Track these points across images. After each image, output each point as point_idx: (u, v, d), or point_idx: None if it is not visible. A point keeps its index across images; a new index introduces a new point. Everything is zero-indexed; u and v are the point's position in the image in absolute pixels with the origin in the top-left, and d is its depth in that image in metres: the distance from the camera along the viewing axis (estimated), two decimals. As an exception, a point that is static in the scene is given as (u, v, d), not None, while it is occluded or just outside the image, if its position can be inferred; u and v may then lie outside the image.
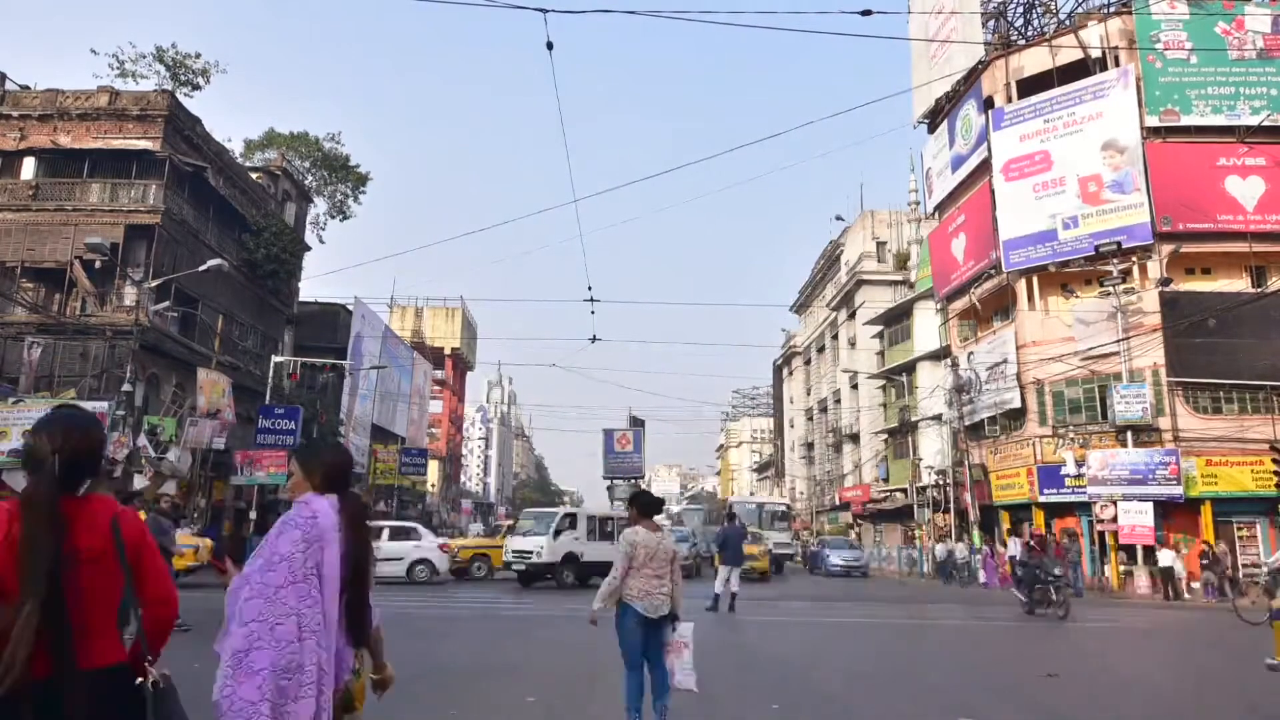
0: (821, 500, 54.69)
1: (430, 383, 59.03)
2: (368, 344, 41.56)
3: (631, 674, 5.16)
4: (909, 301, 40.76)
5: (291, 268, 35.70)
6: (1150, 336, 25.16)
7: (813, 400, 58.35)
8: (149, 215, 26.31)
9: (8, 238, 26.01)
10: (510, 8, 10.42)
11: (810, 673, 8.56)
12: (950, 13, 32.72)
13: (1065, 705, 7.07)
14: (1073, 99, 28.20)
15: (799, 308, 64.27)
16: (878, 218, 49.01)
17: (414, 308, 66.14)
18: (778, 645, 10.92)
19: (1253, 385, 25.41)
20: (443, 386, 67.96)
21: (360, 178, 44.96)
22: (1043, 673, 8.58)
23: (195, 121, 29.05)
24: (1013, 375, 28.75)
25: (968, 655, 10.84)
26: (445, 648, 9.64)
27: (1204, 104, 26.97)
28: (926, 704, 7.05)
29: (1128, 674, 9.39)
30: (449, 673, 7.89)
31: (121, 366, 22.93)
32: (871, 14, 11.10)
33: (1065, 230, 27.76)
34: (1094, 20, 29.13)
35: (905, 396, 40.57)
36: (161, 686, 2.16)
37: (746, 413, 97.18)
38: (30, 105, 27.57)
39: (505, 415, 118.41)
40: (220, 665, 2.36)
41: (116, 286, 25.97)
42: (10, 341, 24.72)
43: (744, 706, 6.63)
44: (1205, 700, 7.78)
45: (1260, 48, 27.17)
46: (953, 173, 33.36)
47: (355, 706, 2.77)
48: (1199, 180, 26.38)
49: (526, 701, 6.57)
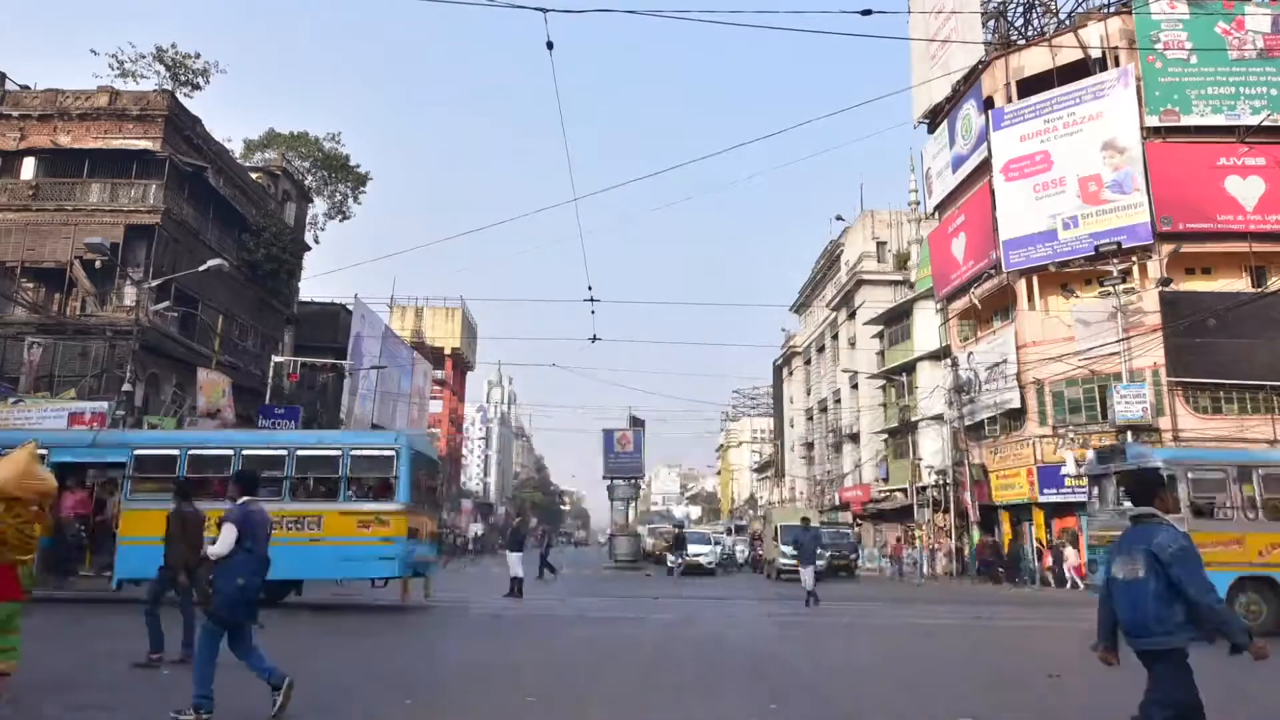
0: (821, 500, 54.66)
1: (430, 383, 58.98)
2: (368, 344, 41.52)
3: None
4: (909, 301, 40.72)
5: (291, 268, 35.71)
6: (1150, 336, 25.15)
7: (813, 400, 58.32)
8: (149, 215, 26.31)
9: (8, 238, 26.01)
10: (510, 7, 10.42)
11: (803, 665, 8.56)
12: (950, 12, 32.71)
13: (1065, 705, 7.07)
14: (1073, 99, 28.19)
15: (799, 308, 64.23)
16: (878, 218, 48.93)
17: (414, 308, 66.08)
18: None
19: (1252, 385, 25.41)
20: (443, 386, 67.92)
21: (360, 178, 44.99)
22: (1045, 673, 8.58)
23: (195, 121, 29.06)
24: (1013, 375, 28.75)
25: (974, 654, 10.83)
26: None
27: (1204, 104, 26.97)
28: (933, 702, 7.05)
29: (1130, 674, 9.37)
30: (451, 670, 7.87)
31: (121, 366, 22.93)
32: (871, 14, 11.09)
33: (1065, 230, 27.76)
34: (1094, 20, 29.13)
35: (905, 396, 40.54)
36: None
37: (746, 413, 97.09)
38: (30, 105, 27.58)
39: (505, 415, 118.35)
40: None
41: (116, 286, 25.98)
42: (10, 341, 24.73)
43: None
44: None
45: (1260, 47, 27.16)
46: (953, 173, 33.36)
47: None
48: (1199, 180, 26.37)
49: (526, 701, 6.57)
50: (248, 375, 30.93)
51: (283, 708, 5.41)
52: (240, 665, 5.51)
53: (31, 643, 5.58)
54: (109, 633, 10.05)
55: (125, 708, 5.98)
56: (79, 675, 7.08)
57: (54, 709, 5.76)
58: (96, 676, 7.13)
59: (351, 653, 9.30)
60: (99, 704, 6.01)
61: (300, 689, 5.60)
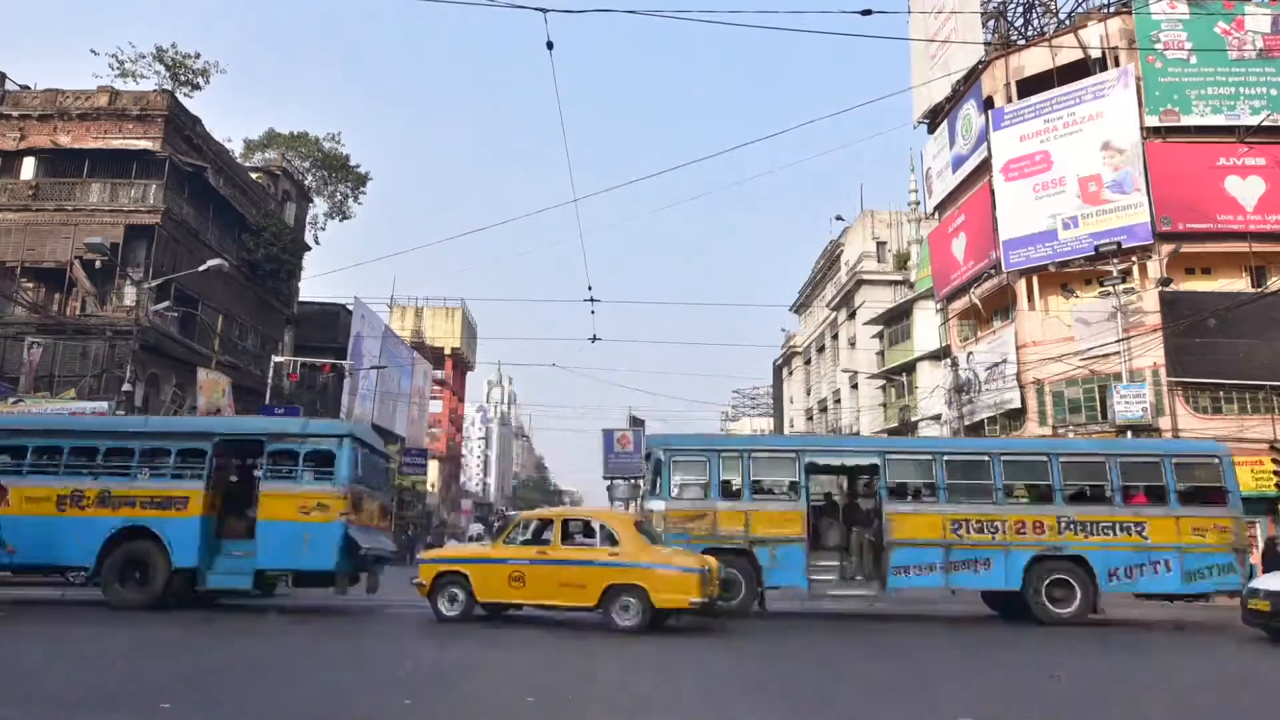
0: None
1: (430, 383, 58.99)
2: (368, 344, 41.52)
3: None
4: (909, 301, 40.74)
5: (291, 268, 35.74)
6: (1150, 336, 25.16)
7: (813, 400, 58.32)
8: (149, 215, 26.33)
9: (8, 238, 26.02)
10: (510, 7, 10.43)
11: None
12: (950, 12, 32.72)
13: (1067, 706, 7.07)
14: (1072, 99, 28.21)
15: (799, 308, 64.23)
16: (878, 218, 48.95)
17: (414, 308, 66.09)
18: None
19: (1252, 385, 25.41)
20: (443, 386, 67.93)
21: (360, 178, 45.02)
22: (1045, 674, 8.58)
23: (195, 121, 29.07)
24: (1012, 375, 28.75)
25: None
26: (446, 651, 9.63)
27: (1204, 104, 26.98)
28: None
29: (1131, 675, 9.39)
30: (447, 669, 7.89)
31: (121, 366, 22.94)
32: (871, 14, 11.11)
33: (1065, 230, 27.77)
34: (1094, 20, 29.13)
35: (905, 396, 40.58)
36: None
37: (746, 413, 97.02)
38: (30, 105, 27.59)
39: (505, 415, 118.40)
40: None
41: (116, 286, 26.00)
42: (10, 341, 24.74)
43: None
44: (1211, 700, 7.77)
45: (1260, 48, 27.18)
46: (953, 173, 33.37)
47: None
48: (1199, 180, 26.38)
49: (526, 701, 6.57)
50: (248, 375, 30.94)
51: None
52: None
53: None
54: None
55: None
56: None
57: (54, 708, 5.76)
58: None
59: (350, 653, 9.30)
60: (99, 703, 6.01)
61: (298, 690, 5.59)
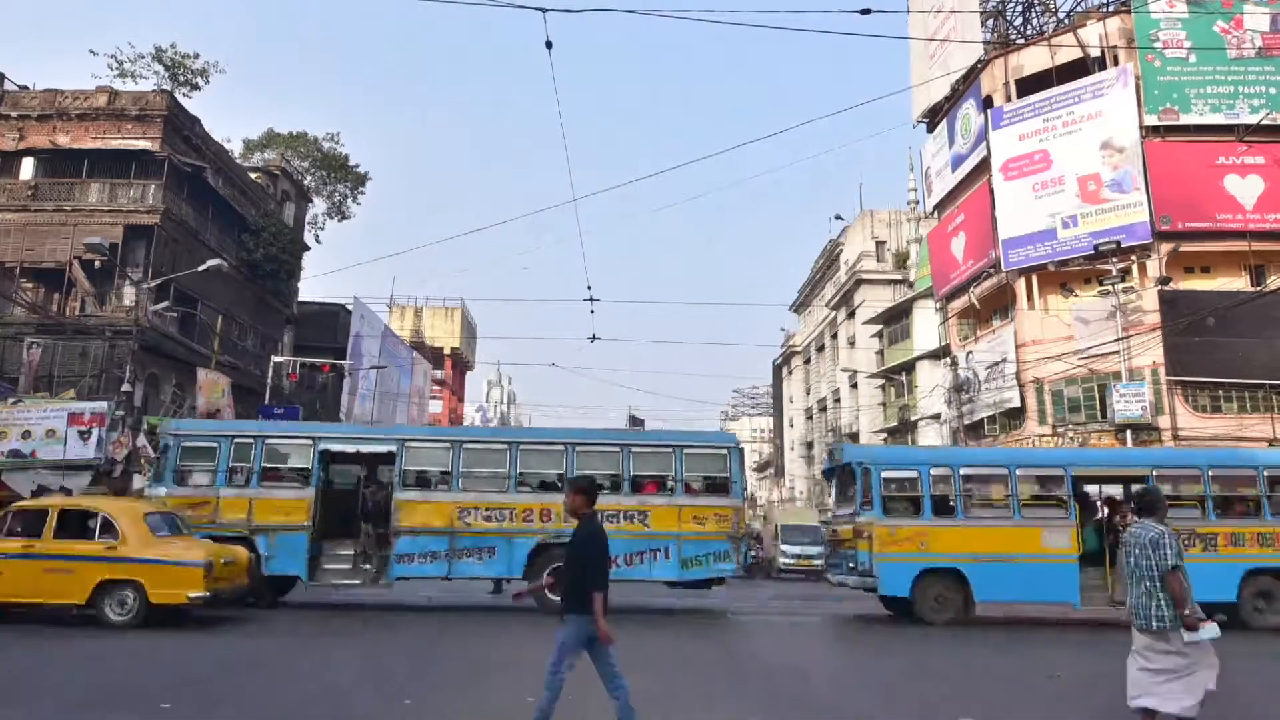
0: (822, 500, 54.70)
1: (430, 382, 58.95)
2: (367, 344, 41.47)
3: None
4: (908, 301, 40.75)
5: (291, 268, 35.71)
6: (1149, 335, 25.16)
7: (812, 400, 58.32)
8: (148, 215, 26.30)
9: (7, 238, 26.01)
10: (510, 7, 10.42)
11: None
12: (949, 12, 32.73)
13: (1067, 706, 7.08)
14: (1072, 98, 28.21)
15: (798, 307, 64.23)
16: (877, 217, 48.96)
17: (414, 308, 66.04)
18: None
19: (1252, 384, 25.42)
20: (442, 386, 67.90)
21: (359, 178, 44.99)
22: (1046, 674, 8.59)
23: (194, 121, 29.04)
24: (1012, 374, 28.76)
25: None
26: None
27: (1203, 103, 26.99)
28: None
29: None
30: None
31: (121, 366, 22.92)
32: (871, 13, 11.11)
33: (1064, 229, 27.78)
34: (1093, 19, 29.13)
35: (905, 396, 40.59)
36: None
37: (746, 412, 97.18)
38: (29, 105, 27.56)
39: (505, 415, 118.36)
40: None
41: (116, 286, 25.97)
42: (10, 341, 24.72)
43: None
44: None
45: (1259, 46, 27.19)
46: (952, 172, 33.38)
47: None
48: (1198, 179, 26.38)
49: (526, 701, 6.56)
50: (247, 375, 30.92)
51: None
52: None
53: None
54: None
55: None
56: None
57: (54, 709, 5.76)
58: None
59: (350, 653, 9.30)
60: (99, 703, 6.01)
61: (298, 690, 5.60)
